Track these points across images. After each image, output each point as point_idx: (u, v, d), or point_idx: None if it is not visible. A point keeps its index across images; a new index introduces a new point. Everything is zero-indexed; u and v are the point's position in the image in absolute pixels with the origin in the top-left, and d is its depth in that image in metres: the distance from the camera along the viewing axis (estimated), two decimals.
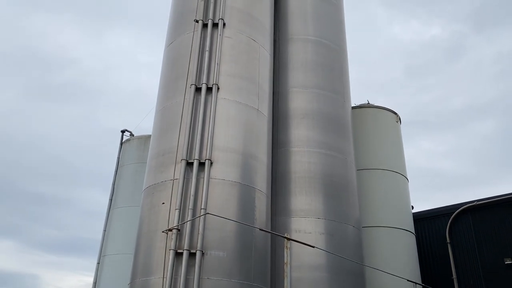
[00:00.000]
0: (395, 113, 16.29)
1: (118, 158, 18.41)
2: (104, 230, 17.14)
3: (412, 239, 14.55)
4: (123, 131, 19.02)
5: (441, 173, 49.27)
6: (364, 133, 15.24)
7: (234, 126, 10.48)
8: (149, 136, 17.80)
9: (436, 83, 51.96)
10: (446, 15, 53.53)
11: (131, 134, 19.01)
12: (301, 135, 12.32)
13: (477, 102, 49.72)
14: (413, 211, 16.03)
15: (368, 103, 16.31)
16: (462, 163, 49.83)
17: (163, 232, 9.28)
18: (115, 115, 53.24)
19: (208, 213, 9.11)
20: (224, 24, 11.55)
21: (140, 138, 18.28)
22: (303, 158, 12.01)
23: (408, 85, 53.05)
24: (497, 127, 48.49)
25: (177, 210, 9.30)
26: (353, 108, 15.26)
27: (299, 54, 13.52)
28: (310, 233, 11.08)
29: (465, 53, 51.81)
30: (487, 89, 49.48)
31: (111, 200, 17.66)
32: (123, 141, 18.84)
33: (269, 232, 9.74)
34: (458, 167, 49.78)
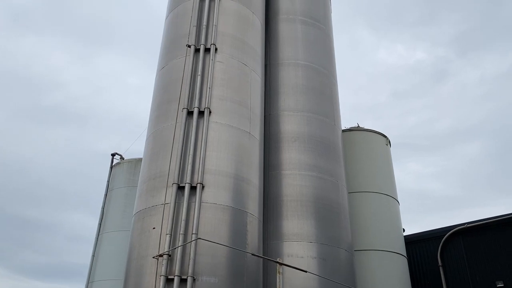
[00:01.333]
0: (385, 136, 16.45)
1: (108, 181, 18.24)
2: (93, 255, 16.83)
3: (404, 263, 14.50)
4: (113, 154, 18.91)
5: (429, 195, 49.64)
6: (355, 156, 15.33)
7: (226, 150, 10.50)
8: (139, 160, 17.71)
9: (422, 106, 52.90)
10: (430, 40, 54.91)
11: (121, 158, 18.90)
12: (293, 158, 12.37)
13: (462, 124, 50.60)
14: (404, 234, 16.03)
15: (358, 126, 16.47)
16: (449, 185, 50.27)
17: (153, 257, 9.14)
18: (103, 139, 53.04)
19: (200, 238, 9.01)
20: (216, 49, 11.69)
21: (131, 161, 18.17)
22: (294, 181, 12.02)
23: (394, 108, 53.88)
24: (482, 149, 49.25)
25: (168, 235, 9.19)
26: (343, 131, 15.40)
27: (290, 78, 13.69)
28: (302, 257, 11.00)
29: (450, 76, 53.00)
30: (472, 112, 50.47)
31: (100, 224, 17.40)
32: (113, 164, 18.70)
33: (261, 257, 9.64)
34: (446, 189, 50.19)
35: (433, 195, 49.69)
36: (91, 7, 55.97)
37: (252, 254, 9.31)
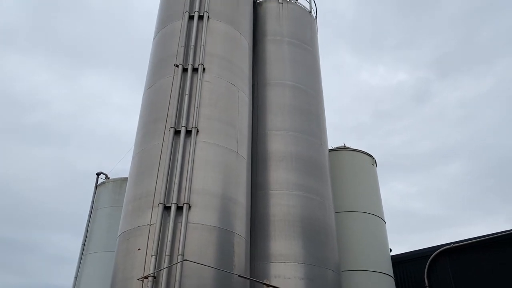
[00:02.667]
0: (371, 156, 16.57)
1: (93, 201, 17.95)
2: (76, 277, 16.41)
3: (391, 283, 14.44)
4: (98, 174, 18.66)
5: (413, 214, 49.97)
6: (341, 175, 15.39)
7: (213, 169, 10.44)
8: (125, 179, 17.50)
9: (404, 127, 53.80)
10: (411, 62, 56.20)
11: (107, 177, 18.66)
12: (280, 178, 12.35)
13: (443, 145, 51.46)
14: (391, 253, 16.01)
15: (345, 146, 16.58)
16: (432, 205, 50.76)
17: (138, 279, 8.95)
18: (87, 158, 52.36)
19: (186, 260, 8.87)
20: (204, 69, 11.74)
21: (116, 181, 17.95)
22: (282, 201, 11.98)
23: (377, 128, 54.64)
24: (463, 170, 50.01)
25: (153, 257, 9.03)
26: (330, 150, 15.48)
27: (277, 98, 13.79)
28: (289, 278, 10.88)
29: (430, 98, 54.10)
30: (452, 132, 51.42)
31: (84, 245, 17.04)
32: (98, 183, 18.44)
33: (249, 278, 9.52)
34: (429, 208, 50.64)
35: (417, 215, 50.08)
36: (76, 26, 56.09)
37: (239, 276, 9.18)
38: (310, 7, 17.09)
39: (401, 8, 57.16)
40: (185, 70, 11.72)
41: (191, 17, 12.72)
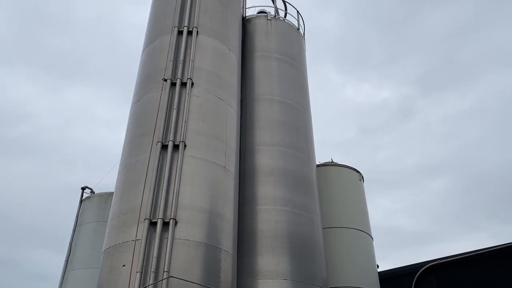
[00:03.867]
0: (358, 172, 16.64)
1: (77, 216, 17.64)
2: None
3: None
4: (83, 188, 18.39)
5: (399, 230, 50.15)
6: (329, 191, 15.39)
7: (201, 184, 10.36)
8: (110, 194, 17.26)
9: (389, 143, 54.40)
10: (395, 79, 57.13)
11: (92, 191, 18.38)
12: (268, 193, 12.30)
13: (428, 161, 52.06)
14: (378, 270, 15.97)
15: (332, 161, 16.63)
16: (418, 220, 51.08)
17: None
18: (71, 172, 51.55)
19: (172, 276, 8.71)
20: (192, 84, 11.74)
21: (101, 195, 17.69)
22: (269, 216, 11.91)
23: (363, 144, 55.13)
24: (447, 186, 50.55)
25: (138, 273, 8.85)
26: (317, 166, 15.50)
27: (266, 113, 13.82)
28: None
29: (415, 115, 54.92)
30: (437, 149, 52.09)
31: (67, 261, 16.67)
32: (83, 198, 18.15)
33: None
34: (415, 224, 50.93)
35: (402, 230, 50.28)
36: (61, 39, 55.85)
37: None
38: (298, 24, 17.31)
39: (385, 26, 58.40)
40: (173, 84, 11.69)
41: (180, 32, 12.76)
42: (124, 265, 9.23)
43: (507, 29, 52.25)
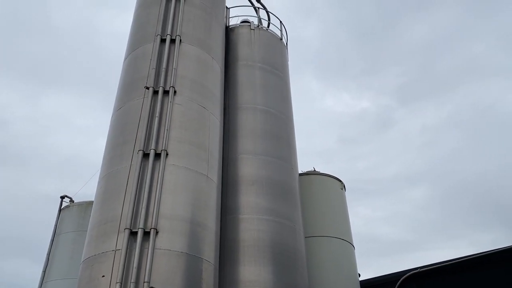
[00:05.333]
0: (340, 181, 16.75)
1: (56, 225, 17.27)
2: None
3: None
4: (62, 197, 18.03)
5: (379, 239, 50.56)
6: (311, 200, 15.43)
7: (182, 193, 10.27)
8: (90, 203, 16.97)
9: (369, 153, 55.05)
10: (374, 89, 58.01)
11: (71, 200, 18.05)
12: (250, 202, 12.27)
13: (407, 170, 52.87)
14: (360, 279, 16.03)
15: (315, 170, 16.71)
16: (398, 229, 51.62)
17: None
18: (48, 181, 50.49)
19: (152, 287, 8.58)
20: (175, 92, 11.68)
21: (81, 204, 17.38)
22: (252, 226, 11.86)
23: (343, 154, 55.64)
24: (426, 195, 51.32)
25: (118, 284, 8.68)
26: (300, 175, 15.55)
27: (249, 122, 13.83)
28: None
29: (393, 125, 55.80)
30: (415, 158, 52.90)
31: (44, 271, 16.28)
32: (62, 207, 17.80)
33: None
34: (395, 233, 51.46)
35: (381, 239, 50.71)
36: (39, 46, 55.04)
37: None
38: (281, 34, 17.45)
39: (364, 37, 59.33)
40: (155, 92, 11.62)
41: (163, 40, 12.71)
42: (103, 276, 9.05)
43: (481, 42, 53.75)
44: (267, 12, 18.61)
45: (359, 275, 15.76)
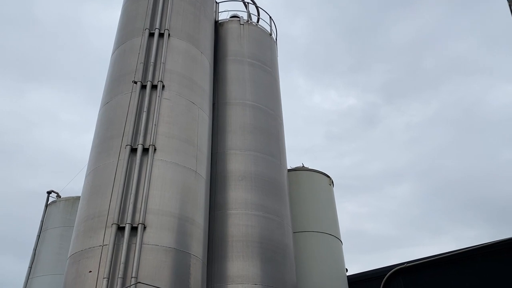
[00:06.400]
0: (328, 176, 16.82)
1: (42, 221, 17.09)
2: None
3: None
4: (49, 192, 17.84)
5: (365, 234, 51.01)
6: (299, 195, 15.49)
7: (170, 188, 10.23)
8: (77, 198, 16.83)
9: (355, 149, 55.47)
10: (360, 87, 58.34)
11: (58, 196, 17.86)
12: (239, 198, 12.27)
13: (392, 167, 53.28)
14: (347, 274, 16.16)
15: (303, 166, 16.76)
16: (383, 225, 52.11)
17: None
18: (33, 176, 49.82)
19: (140, 282, 8.55)
20: (163, 86, 11.60)
21: (68, 199, 17.22)
22: (240, 221, 11.87)
23: (329, 150, 55.92)
24: (411, 191, 51.88)
25: (105, 279, 8.64)
26: (288, 170, 15.59)
27: (238, 117, 13.81)
28: None
29: (379, 122, 56.21)
30: (400, 155, 53.41)
31: (30, 267, 16.11)
32: (48, 202, 17.62)
33: None
34: (380, 229, 51.95)
35: (367, 235, 51.18)
36: (24, 41, 54.18)
37: None
38: (271, 29, 17.42)
39: (351, 35, 59.56)
40: (143, 87, 11.53)
41: (151, 34, 12.61)
42: (90, 271, 8.99)
43: (465, 41, 54.32)
44: (257, 7, 18.57)
45: (347, 270, 15.89)
